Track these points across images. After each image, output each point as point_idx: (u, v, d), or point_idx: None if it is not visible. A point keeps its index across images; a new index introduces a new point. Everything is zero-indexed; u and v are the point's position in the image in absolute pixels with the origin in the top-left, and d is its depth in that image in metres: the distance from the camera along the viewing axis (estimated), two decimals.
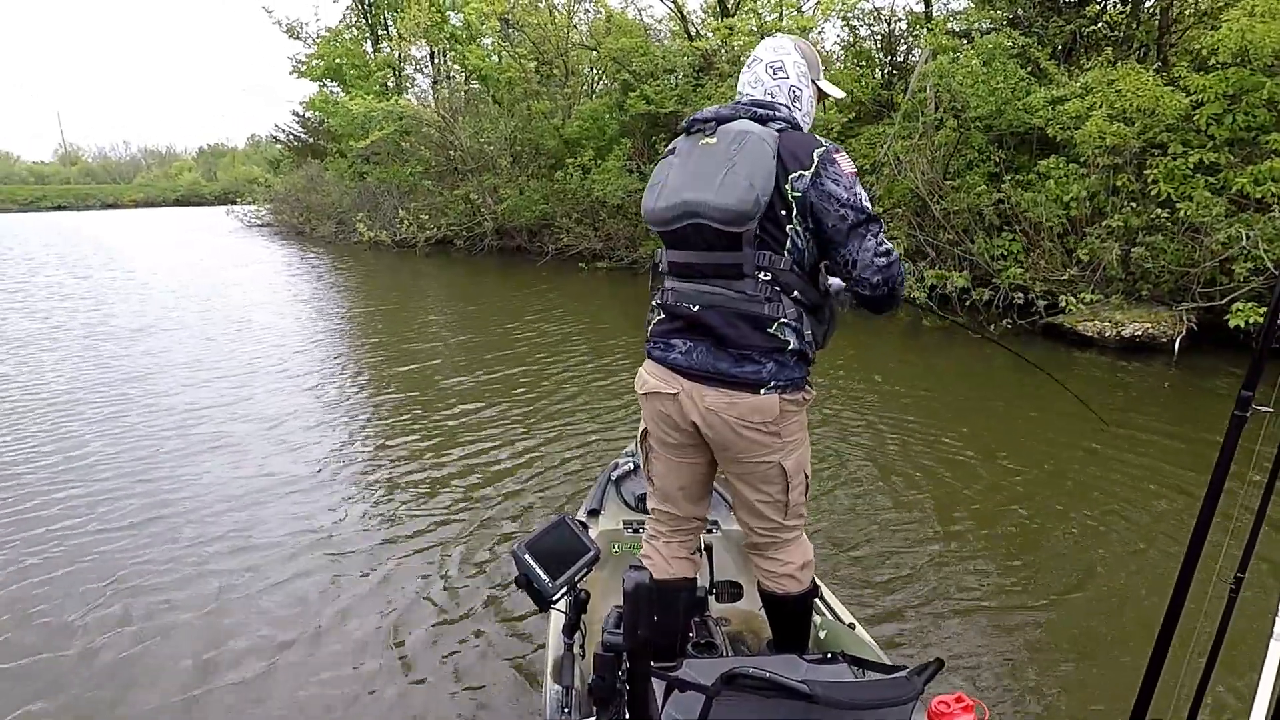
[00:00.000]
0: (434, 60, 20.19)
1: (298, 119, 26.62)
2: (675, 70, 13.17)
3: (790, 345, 1.69)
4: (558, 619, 1.86)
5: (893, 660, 1.83)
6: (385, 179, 18.81)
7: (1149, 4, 8.90)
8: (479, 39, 17.83)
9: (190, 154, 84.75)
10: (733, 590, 2.21)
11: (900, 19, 11.84)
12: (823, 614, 2.10)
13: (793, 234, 1.65)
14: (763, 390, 1.69)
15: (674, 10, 14.48)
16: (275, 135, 29.95)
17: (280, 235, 24.68)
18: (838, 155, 1.65)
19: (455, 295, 11.64)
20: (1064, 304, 7.20)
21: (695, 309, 1.73)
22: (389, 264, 16.01)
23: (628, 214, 13.18)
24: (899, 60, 11.91)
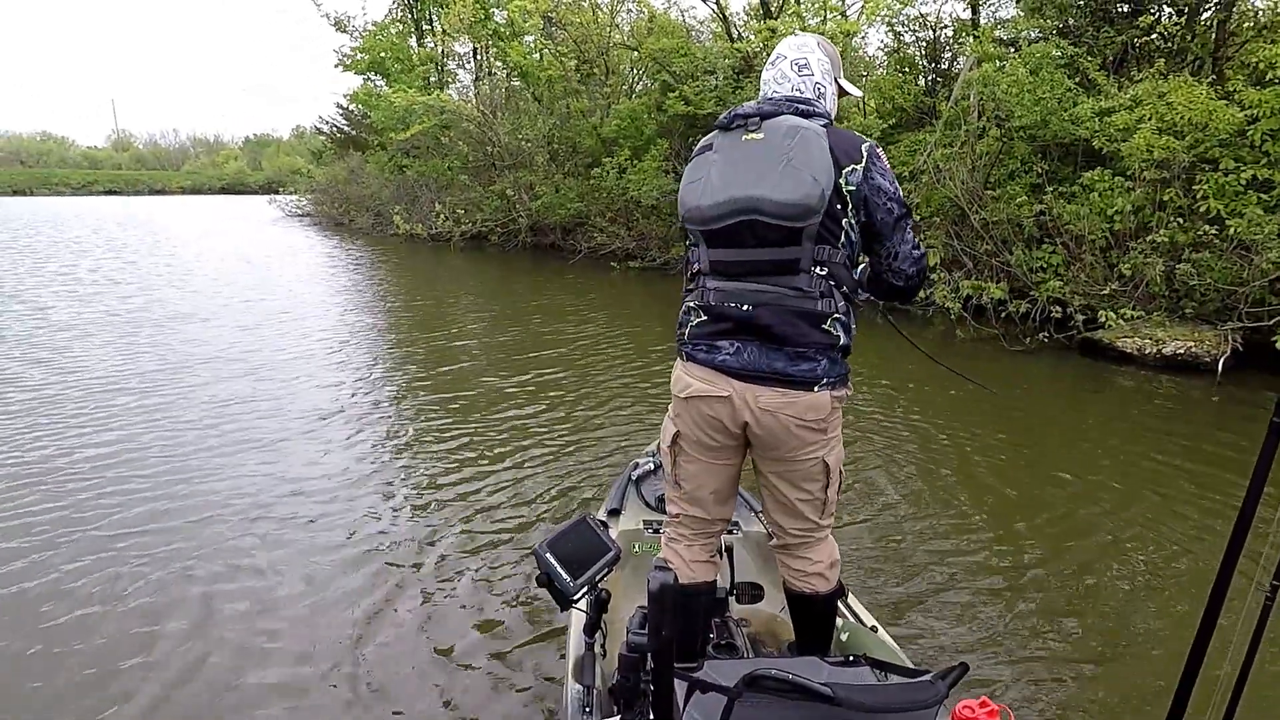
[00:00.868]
0: (476, 56, 20.37)
1: (341, 111, 27.12)
2: (715, 71, 13.13)
3: (840, 341, 1.71)
4: (578, 618, 1.86)
5: (915, 664, 1.82)
6: (424, 173, 19.03)
7: (1205, 16, 8.68)
8: (521, 36, 17.94)
9: (237, 143, 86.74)
10: (753, 592, 2.20)
11: (947, 25, 11.70)
12: (844, 616, 2.09)
13: (848, 228, 1.67)
14: (816, 388, 1.69)
15: (716, 12, 14.44)
16: (319, 126, 30.58)
17: (319, 226, 25.10)
18: (879, 150, 1.72)
19: (490, 292, 11.71)
20: (1103, 319, 7.05)
21: (747, 309, 1.70)
22: (425, 258, 16.17)
23: (662, 214, 13.20)
24: (943, 67, 11.76)
